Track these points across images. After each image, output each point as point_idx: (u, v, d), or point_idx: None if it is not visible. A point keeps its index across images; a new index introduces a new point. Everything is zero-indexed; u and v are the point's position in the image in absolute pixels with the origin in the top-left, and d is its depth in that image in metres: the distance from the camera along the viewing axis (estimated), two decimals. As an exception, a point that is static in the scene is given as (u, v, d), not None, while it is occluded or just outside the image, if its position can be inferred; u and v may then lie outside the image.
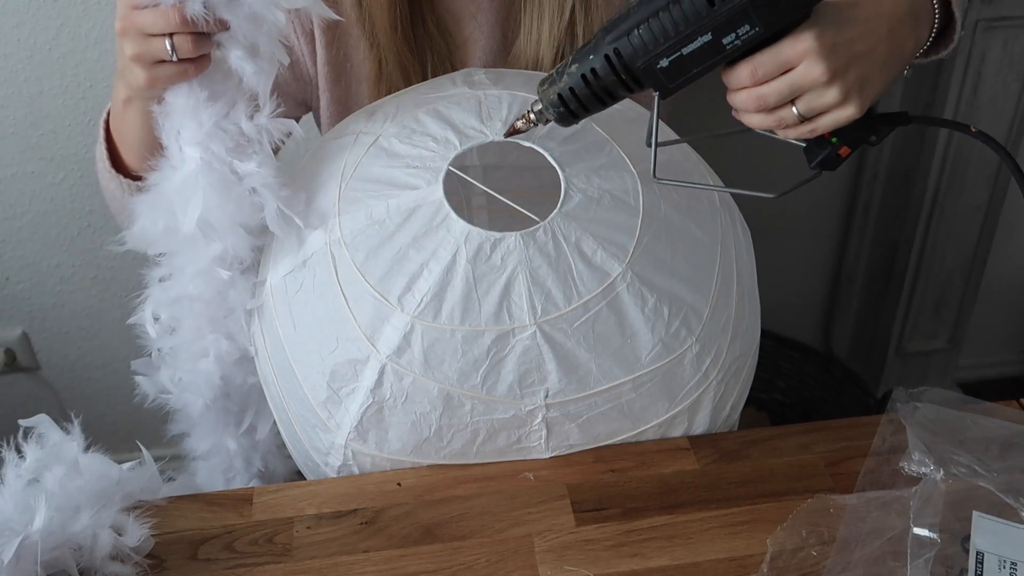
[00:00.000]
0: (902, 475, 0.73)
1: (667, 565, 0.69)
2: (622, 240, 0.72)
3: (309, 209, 0.76)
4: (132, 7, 0.70)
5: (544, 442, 0.75)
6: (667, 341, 0.72)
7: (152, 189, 0.76)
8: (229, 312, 0.80)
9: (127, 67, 0.73)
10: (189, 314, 0.81)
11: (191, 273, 0.78)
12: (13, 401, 1.56)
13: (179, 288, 0.80)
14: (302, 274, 0.74)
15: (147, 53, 0.71)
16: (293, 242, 0.76)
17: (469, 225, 0.71)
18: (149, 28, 0.70)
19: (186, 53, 0.70)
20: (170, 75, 0.72)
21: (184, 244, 0.77)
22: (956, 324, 1.72)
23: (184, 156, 0.74)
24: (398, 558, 0.70)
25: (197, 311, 0.80)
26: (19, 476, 0.71)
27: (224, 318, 0.80)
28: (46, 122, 1.33)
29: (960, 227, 1.60)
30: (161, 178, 0.75)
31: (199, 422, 0.87)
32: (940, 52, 0.78)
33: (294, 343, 0.74)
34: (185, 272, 0.79)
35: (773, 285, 1.63)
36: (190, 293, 0.79)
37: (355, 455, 0.75)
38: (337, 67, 0.92)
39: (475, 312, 0.69)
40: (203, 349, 0.82)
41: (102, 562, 0.69)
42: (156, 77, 0.72)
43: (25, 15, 1.24)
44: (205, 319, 0.80)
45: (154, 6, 0.69)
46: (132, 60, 0.72)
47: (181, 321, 0.81)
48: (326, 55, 0.92)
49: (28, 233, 1.42)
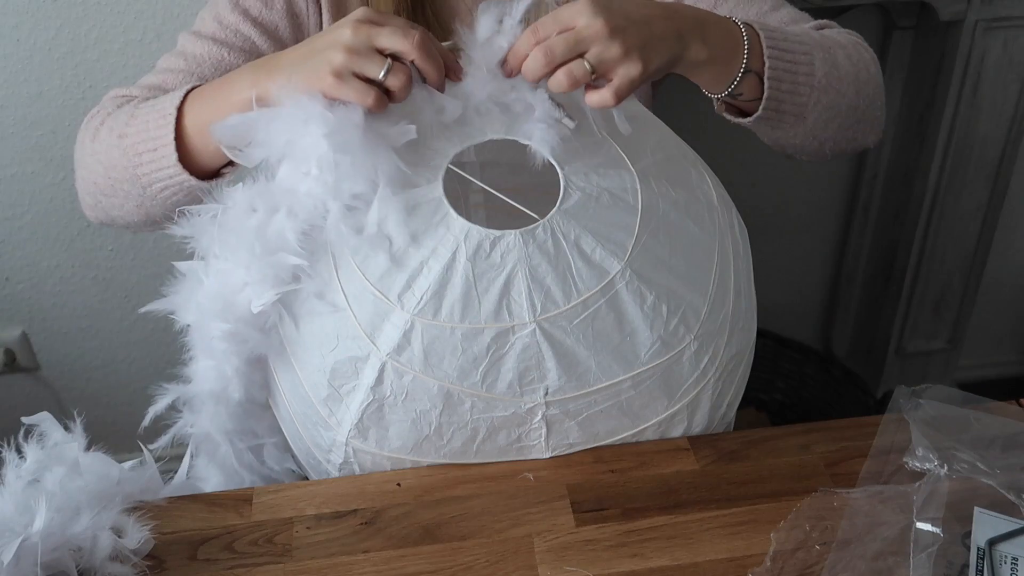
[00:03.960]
0: (904, 473, 0.73)
1: (667, 565, 0.69)
2: (621, 238, 0.72)
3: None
4: (371, 21, 0.69)
5: (544, 440, 0.75)
6: (666, 338, 0.72)
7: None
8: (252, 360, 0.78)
9: (317, 61, 0.69)
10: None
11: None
12: (13, 401, 1.56)
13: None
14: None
15: (357, 64, 0.68)
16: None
17: (469, 223, 0.70)
18: (381, 40, 0.68)
19: (395, 83, 0.68)
20: (355, 93, 0.68)
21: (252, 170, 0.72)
22: (956, 324, 1.72)
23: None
24: (398, 558, 0.70)
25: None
26: (19, 477, 0.71)
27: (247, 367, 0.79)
28: (46, 122, 1.33)
29: (960, 227, 1.60)
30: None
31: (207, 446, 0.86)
32: (747, 116, 0.83)
33: (295, 340, 0.74)
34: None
35: (773, 285, 1.64)
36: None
37: (356, 453, 0.75)
38: None
39: (475, 310, 0.69)
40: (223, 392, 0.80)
41: (102, 563, 0.68)
42: (341, 89, 0.68)
43: (25, 15, 1.24)
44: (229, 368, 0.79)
45: (397, 27, 0.68)
46: (335, 69, 0.68)
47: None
48: None
49: (28, 233, 1.42)
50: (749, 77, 0.78)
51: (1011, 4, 1.38)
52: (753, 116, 0.81)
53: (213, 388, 0.78)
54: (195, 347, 0.77)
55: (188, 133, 0.77)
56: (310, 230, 0.71)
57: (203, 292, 0.74)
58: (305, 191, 0.70)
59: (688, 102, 0.88)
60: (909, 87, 1.53)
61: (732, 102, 0.82)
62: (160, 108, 0.79)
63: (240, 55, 0.90)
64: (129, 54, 1.29)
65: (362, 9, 0.71)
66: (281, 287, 0.72)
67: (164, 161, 0.78)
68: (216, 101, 0.76)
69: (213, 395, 0.79)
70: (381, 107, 0.69)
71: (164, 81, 0.89)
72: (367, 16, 0.70)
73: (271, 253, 0.71)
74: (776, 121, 0.83)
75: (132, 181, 0.81)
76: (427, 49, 0.69)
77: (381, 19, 0.70)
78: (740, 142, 1.12)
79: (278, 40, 0.91)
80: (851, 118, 0.86)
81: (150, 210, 0.83)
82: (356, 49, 0.68)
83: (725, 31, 0.77)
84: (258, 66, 0.75)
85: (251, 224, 0.71)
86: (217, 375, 0.77)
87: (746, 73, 0.78)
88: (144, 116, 0.80)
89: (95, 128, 0.85)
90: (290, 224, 0.70)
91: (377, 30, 0.69)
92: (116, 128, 0.82)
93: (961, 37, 1.40)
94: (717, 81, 0.78)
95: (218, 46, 0.89)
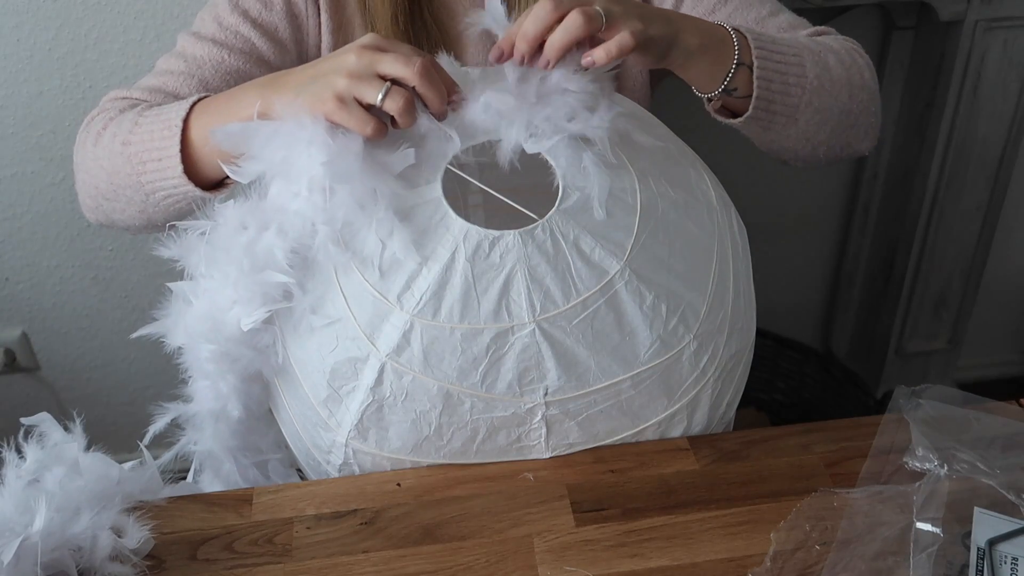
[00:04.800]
0: (904, 473, 0.73)
1: (667, 565, 0.69)
2: (620, 238, 0.72)
3: None
4: (375, 47, 0.69)
5: (544, 440, 0.75)
6: (665, 338, 0.73)
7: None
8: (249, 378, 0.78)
9: (320, 84, 0.70)
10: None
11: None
12: (13, 401, 1.56)
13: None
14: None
15: (357, 89, 0.68)
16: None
17: (468, 223, 0.70)
18: (383, 66, 0.68)
19: (392, 107, 0.68)
20: (355, 121, 0.68)
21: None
22: (956, 324, 1.72)
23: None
24: (398, 558, 0.70)
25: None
26: (19, 477, 0.71)
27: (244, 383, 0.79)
28: (46, 122, 1.33)
29: (960, 227, 1.60)
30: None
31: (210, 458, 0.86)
32: (738, 115, 0.83)
33: (294, 341, 0.74)
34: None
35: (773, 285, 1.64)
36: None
37: (356, 454, 0.75)
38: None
39: (474, 310, 0.69)
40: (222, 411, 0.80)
41: (102, 563, 0.68)
42: (342, 115, 0.69)
43: (25, 15, 1.24)
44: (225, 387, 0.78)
45: (400, 53, 0.68)
46: (337, 93, 0.68)
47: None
48: (331, 40, 0.92)
49: (28, 233, 1.42)
50: (742, 70, 0.79)
51: (1011, 4, 1.38)
52: (744, 115, 0.82)
53: (212, 407, 0.78)
54: (190, 368, 0.77)
55: (194, 145, 0.77)
56: (300, 248, 0.71)
57: (191, 313, 0.74)
58: (295, 210, 0.70)
59: (688, 102, 0.88)
60: (909, 87, 1.53)
61: (726, 100, 0.82)
62: (166, 118, 0.79)
63: (240, 57, 0.90)
64: (129, 54, 1.29)
65: (370, 35, 0.72)
66: (271, 304, 0.72)
67: (169, 172, 0.78)
68: (222, 115, 0.76)
69: (213, 414, 0.79)
70: (380, 135, 0.69)
71: (164, 83, 0.89)
72: (373, 42, 0.71)
73: (259, 270, 0.71)
74: (767, 122, 0.83)
75: (135, 188, 0.81)
76: (429, 76, 0.69)
77: (386, 45, 0.70)
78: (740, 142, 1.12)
79: (278, 41, 0.91)
80: (844, 123, 0.86)
81: (152, 215, 0.83)
82: (358, 74, 0.69)
83: (712, 27, 0.79)
84: (265, 83, 0.75)
85: (240, 241, 0.71)
86: (214, 395, 0.77)
87: (739, 66, 0.79)
88: (149, 125, 0.80)
89: (97, 132, 0.85)
90: (279, 242, 0.70)
91: (380, 56, 0.69)
92: (120, 135, 0.82)
93: (961, 37, 1.40)
94: (711, 76, 0.79)
95: (218, 48, 0.89)
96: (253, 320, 0.72)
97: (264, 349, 0.75)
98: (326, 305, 0.72)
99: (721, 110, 0.84)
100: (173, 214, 0.82)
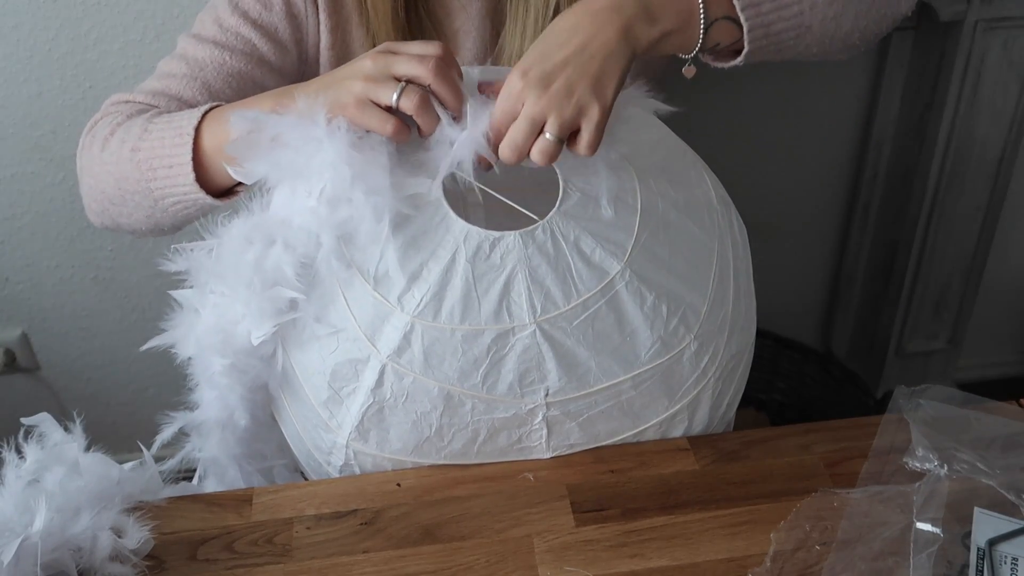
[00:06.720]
0: (904, 474, 0.73)
1: (667, 565, 0.69)
2: (620, 239, 0.72)
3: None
4: (390, 51, 0.70)
5: (545, 441, 0.75)
6: (666, 339, 0.72)
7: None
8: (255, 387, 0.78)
9: (337, 90, 0.70)
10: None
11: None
12: (13, 401, 1.56)
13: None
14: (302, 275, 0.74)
15: (374, 92, 0.69)
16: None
17: (468, 224, 0.71)
18: (398, 68, 0.69)
19: (407, 105, 0.68)
20: (376, 121, 0.69)
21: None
22: (956, 324, 1.72)
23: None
24: (398, 558, 0.70)
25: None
26: (19, 477, 0.71)
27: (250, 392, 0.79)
28: (46, 122, 1.33)
29: (960, 227, 1.60)
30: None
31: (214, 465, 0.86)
32: (732, 58, 0.80)
33: (295, 345, 0.74)
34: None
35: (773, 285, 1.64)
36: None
37: (356, 455, 0.75)
38: (338, 51, 0.93)
39: (475, 311, 0.69)
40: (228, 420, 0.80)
41: (102, 563, 0.68)
42: (362, 117, 0.69)
43: (25, 15, 1.24)
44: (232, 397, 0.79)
45: (414, 53, 0.68)
46: (356, 97, 0.69)
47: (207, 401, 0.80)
48: (330, 39, 0.92)
49: (28, 233, 1.42)
50: (718, 25, 0.76)
51: (1011, 4, 1.38)
52: (743, 52, 0.78)
53: (219, 416, 0.78)
54: (198, 378, 0.77)
55: (206, 153, 0.77)
56: (308, 261, 0.71)
57: (201, 326, 0.74)
58: (299, 224, 0.70)
59: (688, 102, 0.88)
60: (909, 87, 1.52)
61: (716, 52, 0.80)
62: (177, 125, 0.79)
63: (242, 58, 0.90)
64: (129, 54, 1.29)
65: (386, 43, 0.72)
66: (280, 318, 0.72)
67: (180, 180, 0.78)
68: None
69: (219, 423, 0.79)
70: (403, 136, 0.70)
71: (167, 86, 0.88)
72: (387, 46, 0.72)
73: (269, 287, 0.71)
74: (776, 45, 0.79)
75: (144, 194, 0.81)
76: (443, 74, 0.69)
77: (400, 47, 0.71)
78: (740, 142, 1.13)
79: (278, 42, 0.91)
80: (867, 1, 0.81)
81: (159, 220, 0.83)
82: (373, 77, 0.69)
83: (675, 8, 0.74)
84: (281, 92, 0.76)
85: (248, 258, 0.71)
86: (222, 404, 0.78)
87: (712, 24, 0.75)
88: (160, 132, 0.80)
89: (104, 137, 0.85)
90: (287, 257, 0.71)
91: (394, 58, 0.70)
92: (129, 140, 0.81)
93: (961, 37, 1.40)
94: (685, 46, 0.77)
95: (219, 49, 0.89)
96: (263, 334, 0.72)
97: (268, 358, 0.76)
98: (329, 312, 0.72)
99: (718, 56, 0.81)
100: (181, 219, 0.83)
